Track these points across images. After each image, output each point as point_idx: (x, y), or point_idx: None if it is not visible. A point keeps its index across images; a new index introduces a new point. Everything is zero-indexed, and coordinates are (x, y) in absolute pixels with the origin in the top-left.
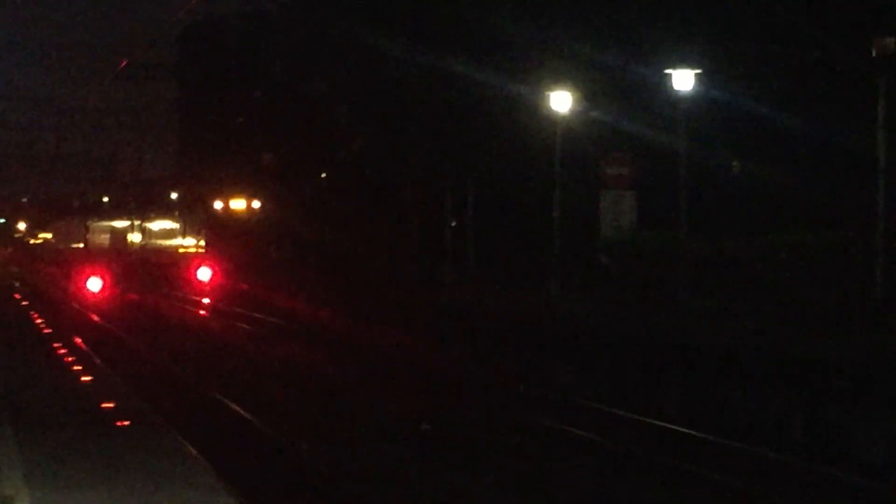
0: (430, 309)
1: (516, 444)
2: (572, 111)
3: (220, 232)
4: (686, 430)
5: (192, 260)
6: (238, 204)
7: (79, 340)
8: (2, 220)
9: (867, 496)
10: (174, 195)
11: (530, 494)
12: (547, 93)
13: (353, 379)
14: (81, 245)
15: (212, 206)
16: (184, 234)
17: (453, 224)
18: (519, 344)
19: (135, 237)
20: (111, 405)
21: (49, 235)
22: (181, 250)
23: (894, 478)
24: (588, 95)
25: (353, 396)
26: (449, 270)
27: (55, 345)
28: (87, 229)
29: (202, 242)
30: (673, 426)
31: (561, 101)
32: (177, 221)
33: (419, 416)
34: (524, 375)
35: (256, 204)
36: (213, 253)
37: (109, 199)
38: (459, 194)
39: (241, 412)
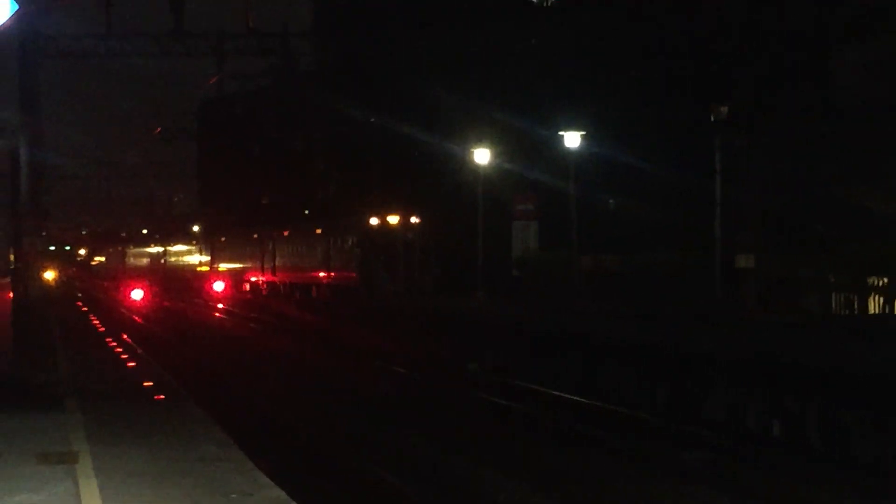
0: (383, 312)
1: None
2: (491, 163)
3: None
4: (572, 397)
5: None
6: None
7: (125, 336)
8: (67, 248)
9: (708, 442)
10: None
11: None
12: (472, 149)
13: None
14: (126, 265)
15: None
16: (200, 253)
17: (405, 244)
18: (456, 335)
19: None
20: (150, 384)
21: (103, 259)
22: (200, 268)
23: (729, 428)
24: (502, 151)
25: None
26: (400, 281)
27: (108, 339)
28: (123, 254)
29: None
30: (565, 394)
31: (482, 155)
32: (193, 246)
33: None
34: (460, 358)
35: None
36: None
37: (147, 231)
38: (408, 225)
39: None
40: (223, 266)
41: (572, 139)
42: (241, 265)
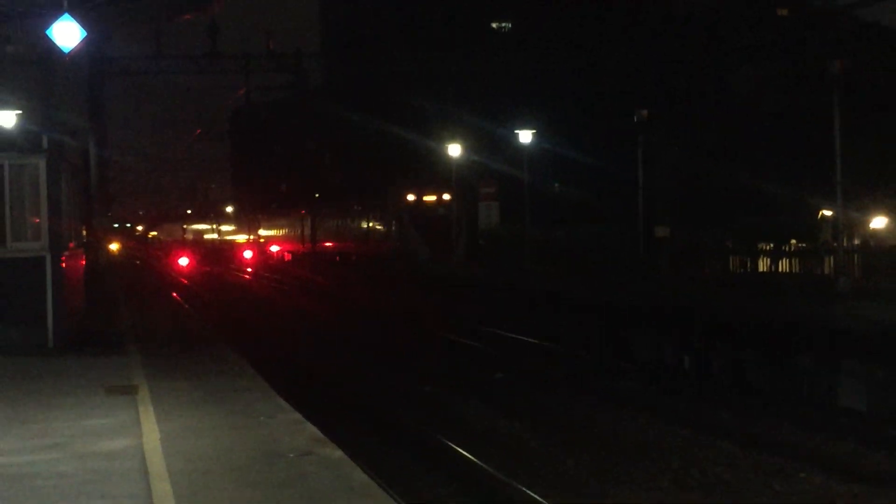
0: (384, 272)
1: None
2: (462, 156)
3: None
4: (524, 338)
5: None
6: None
7: (175, 294)
8: (128, 225)
9: (634, 374)
10: (229, 209)
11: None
12: (447, 145)
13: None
14: (175, 238)
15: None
16: (239, 231)
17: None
18: (437, 290)
19: (212, 235)
20: (194, 332)
21: (155, 233)
22: (238, 241)
23: (655, 363)
24: (471, 146)
25: (340, 327)
26: (397, 250)
27: (160, 297)
28: (183, 230)
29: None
30: (518, 336)
31: (455, 150)
32: (230, 223)
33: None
34: (439, 307)
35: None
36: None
37: (192, 212)
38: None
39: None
40: (261, 238)
41: (525, 136)
42: (277, 237)
